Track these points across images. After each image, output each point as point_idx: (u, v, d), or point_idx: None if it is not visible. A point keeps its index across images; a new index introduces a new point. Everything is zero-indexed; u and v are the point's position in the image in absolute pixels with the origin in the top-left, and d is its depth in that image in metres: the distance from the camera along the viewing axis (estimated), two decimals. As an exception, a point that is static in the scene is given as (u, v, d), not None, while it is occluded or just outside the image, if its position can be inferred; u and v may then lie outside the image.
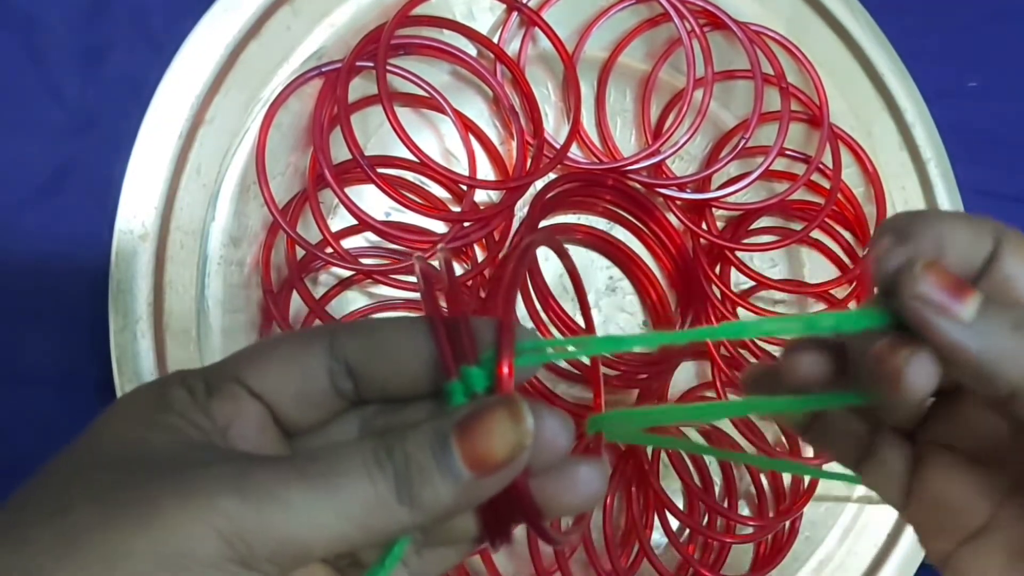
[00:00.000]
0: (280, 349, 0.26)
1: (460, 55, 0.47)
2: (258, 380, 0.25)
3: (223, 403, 0.25)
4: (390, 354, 0.26)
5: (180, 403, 0.24)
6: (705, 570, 0.48)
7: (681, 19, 0.50)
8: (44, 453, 0.40)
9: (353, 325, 0.27)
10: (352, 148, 0.42)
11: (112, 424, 0.25)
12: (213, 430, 0.24)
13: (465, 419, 0.24)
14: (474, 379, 0.25)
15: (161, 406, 0.24)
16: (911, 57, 0.55)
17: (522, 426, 0.24)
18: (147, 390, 0.25)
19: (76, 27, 0.46)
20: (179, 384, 0.25)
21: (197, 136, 0.44)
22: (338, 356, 0.26)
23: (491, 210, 0.47)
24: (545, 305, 0.44)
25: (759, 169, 0.50)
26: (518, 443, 0.24)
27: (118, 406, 0.25)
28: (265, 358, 0.26)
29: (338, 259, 0.44)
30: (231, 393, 0.25)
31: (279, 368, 0.25)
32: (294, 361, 0.26)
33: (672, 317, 0.51)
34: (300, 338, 0.26)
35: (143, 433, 0.24)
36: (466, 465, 0.23)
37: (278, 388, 0.25)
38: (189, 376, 0.25)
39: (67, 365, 0.44)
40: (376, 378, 0.26)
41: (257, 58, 0.45)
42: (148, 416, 0.24)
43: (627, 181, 0.50)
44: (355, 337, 0.26)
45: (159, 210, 0.43)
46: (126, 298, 0.42)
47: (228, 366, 0.26)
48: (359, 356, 0.26)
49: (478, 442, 0.23)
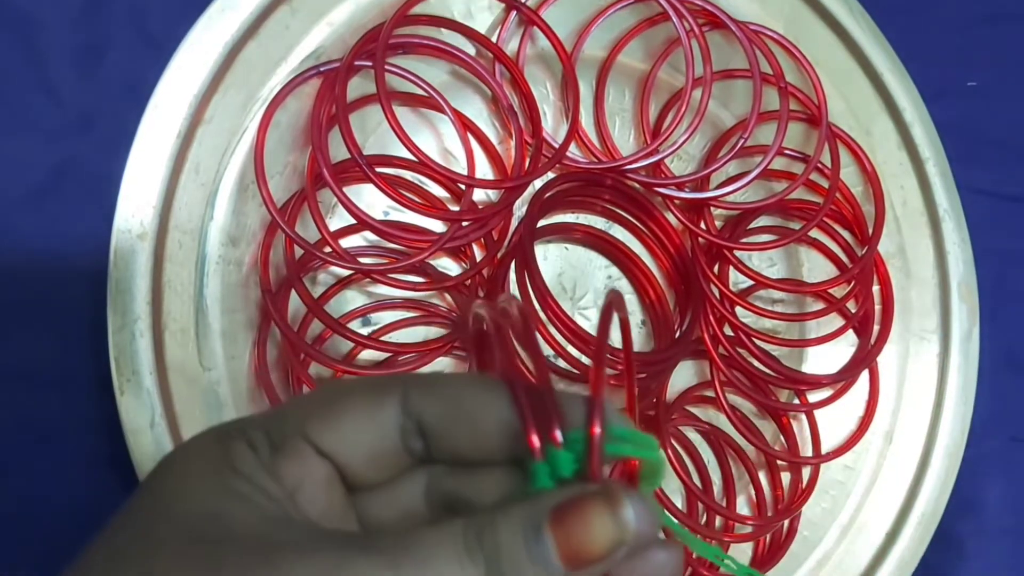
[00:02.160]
0: (351, 404, 0.25)
1: (459, 54, 0.47)
2: (328, 439, 0.24)
3: (289, 463, 0.24)
4: (469, 418, 0.25)
5: (246, 464, 0.23)
6: (704, 569, 0.48)
7: (680, 19, 0.50)
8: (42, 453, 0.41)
9: (427, 380, 0.25)
10: (350, 147, 0.42)
11: (179, 487, 0.23)
12: (282, 497, 0.23)
13: (560, 508, 0.22)
14: (562, 463, 0.23)
15: (227, 468, 0.23)
16: (910, 57, 0.55)
17: (622, 520, 0.22)
18: (208, 445, 0.24)
19: (73, 26, 0.46)
20: (241, 439, 0.24)
21: (196, 135, 0.44)
22: (411, 414, 0.25)
23: (490, 209, 0.47)
24: (544, 304, 0.44)
25: (758, 168, 0.50)
26: (618, 539, 0.22)
27: (178, 463, 0.24)
28: (335, 414, 0.24)
29: (337, 258, 0.44)
30: (297, 451, 0.24)
31: (351, 426, 0.24)
32: (367, 418, 0.24)
33: (671, 316, 0.51)
34: (372, 391, 0.25)
35: (217, 504, 0.22)
36: (561, 559, 0.22)
37: (349, 448, 0.24)
38: (249, 428, 0.24)
39: (65, 364, 0.44)
40: (450, 440, 0.25)
41: (255, 57, 0.45)
42: (216, 481, 0.23)
43: (626, 180, 0.50)
44: (431, 396, 0.25)
45: (157, 209, 0.43)
46: (124, 297, 0.42)
47: (292, 419, 0.24)
48: (435, 417, 0.25)
49: (574, 535, 0.22)
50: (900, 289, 0.54)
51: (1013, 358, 0.57)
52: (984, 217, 0.56)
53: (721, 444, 0.51)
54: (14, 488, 0.43)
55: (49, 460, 0.44)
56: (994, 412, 0.55)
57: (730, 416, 0.50)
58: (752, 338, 0.50)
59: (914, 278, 0.55)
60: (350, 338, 0.44)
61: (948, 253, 0.55)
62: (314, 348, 0.44)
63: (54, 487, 0.44)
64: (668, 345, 0.49)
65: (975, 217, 0.55)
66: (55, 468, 0.44)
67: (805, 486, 0.51)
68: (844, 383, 0.52)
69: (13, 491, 0.43)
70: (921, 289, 0.55)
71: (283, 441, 0.24)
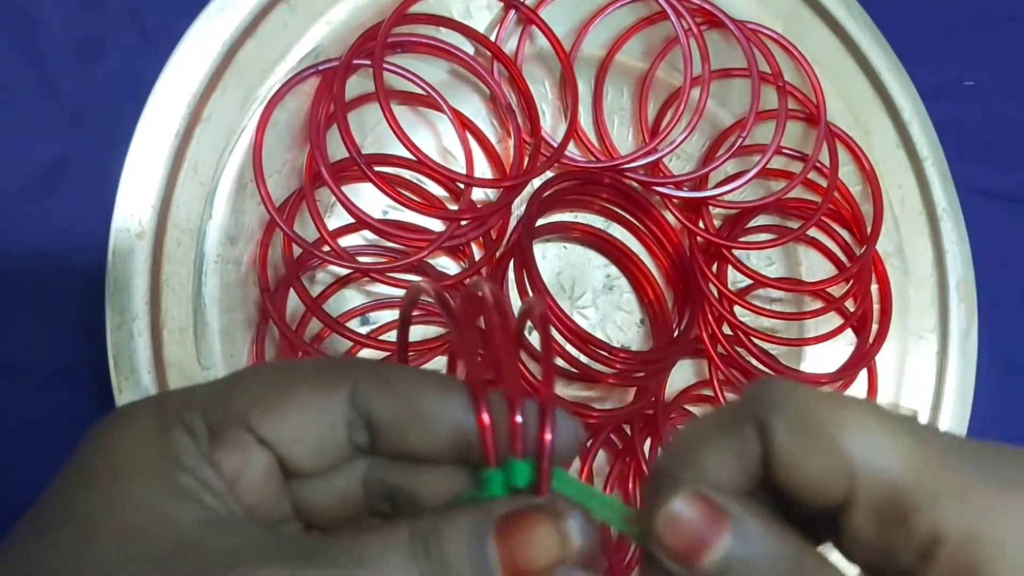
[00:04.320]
0: (298, 397, 0.24)
1: (457, 53, 0.47)
2: (271, 430, 0.24)
3: (230, 453, 0.23)
4: (421, 418, 0.24)
5: (189, 456, 0.23)
6: None
7: (678, 17, 0.50)
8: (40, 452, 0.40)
9: (381, 374, 0.25)
10: (349, 146, 0.42)
11: (123, 482, 0.23)
12: (223, 489, 0.23)
13: (506, 519, 0.22)
14: (518, 473, 0.23)
15: (170, 462, 0.23)
16: (908, 55, 0.55)
17: (566, 537, 0.23)
18: (148, 432, 0.23)
19: (71, 22, 0.46)
20: (180, 426, 0.23)
21: (194, 134, 0.44)
22: (360, 408, 0.24)
23: (488, 208, 0.47)
24: (542, 303, 0.44)
25: (756, 167, 0.50)
26: (559, 556, 0.22)
27: (117, 450, 0.23)
28: (280, 406, 0.24)
29: (335, 257, 0.44)
30: (238, 442, 0.23)
31: (296, 418, 0.24)
32: (314, 411, 0.24)
33: (669, 315, 0.51)
34: (319, 383, 0.24)
35: (164, 505, 0.22)
36: (503, 571, 0.22)
37: (292, 439, 0.24)
38: (188, 410, 0.24)
39: (64, 363, 0.44)
40: (399, 438, 0.24)
41: (254, 56, 0.45)
42: (161, 479, 0.22)
43: (624, 179, 0.50)
44: (384, 392, 0.24)
45: (156, 208, 0.43)
46: (123, 296, 0.42)
47: (235, 405, 0.24)
48: (386, 414, 0.24)
49: (518, 548, 0.22)
50: (898, 288, 0.54)
51: (1011, 357, 0.57)
52: (982, 216, 0.56)
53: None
54: (12, 487, 0.43)
55: (47, 459, 0.43)
56: (992, 411, 0.55)
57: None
58: (751, 337, 0.50)
59: (912, 277, 0.55)
60: (349, 337, 0.44)
61: (946, 252, 0.55)
62: (313, 347, 0.44)
63: (52, 486, 0.44)
64: (666, 344, 0.49)
65: (973, 216, 0.55)
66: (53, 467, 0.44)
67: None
68: (842, 382, 0.52)
69: (11, 490, 0.43)
70: (919, 288, 0.55)
71: (224, 429, 0.23)
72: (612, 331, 0.51)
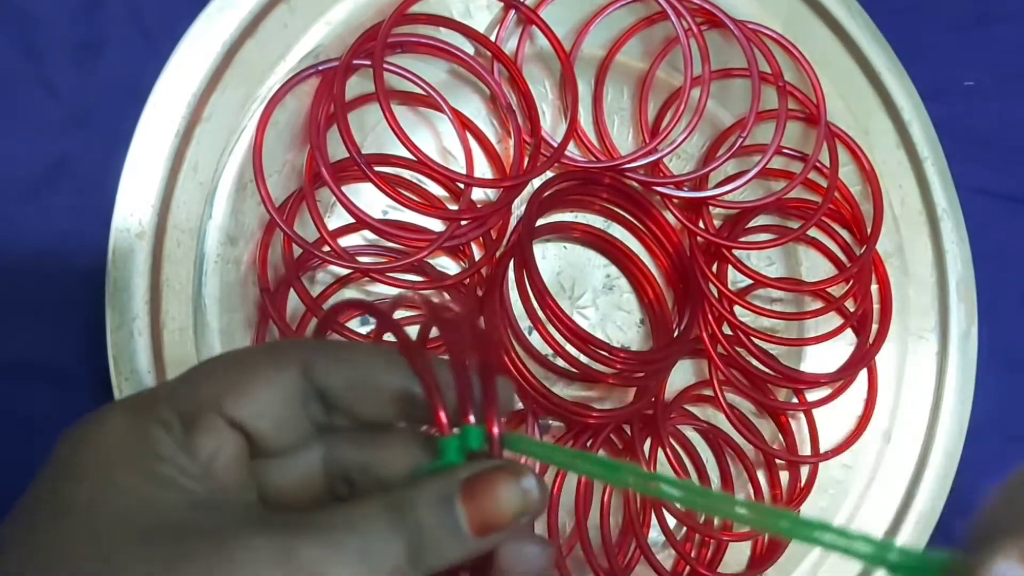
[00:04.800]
0: (257, 374, 0.26)
1: (457, 53, 0.47)
2: (239, 410, 0.25)
3: (204, 438, 0.25)
4: (370, 388, 0.26)
5: (165, 447, 0.24)
6: (702, 568, 0.48)
7: (678, 17, 0.50)
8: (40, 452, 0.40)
9: (330, 348, 0.27)
10: (349, 146, 0.42)
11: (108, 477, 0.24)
12: (201, 474, 0.24)
13: (470, 481, 0.24)
14: (472, 437, 0.25)
15: (149, 454, 0.24)
16: (908, 56, 0.55)
17: (526, 491, 0.25)
18: (124, 430, 0.25)
19: (71, 22, 0.46)
20: (154, 421, 0.24)
21: (194, 134, 0.44)
22: (313, 380, 0.26)
23: (488, 208, 0.47)
24: (542, 303, 0.44)
25: (756, 167, 0.50)
26: (523, 507, 0.25)
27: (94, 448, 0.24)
28: (243, 385, 0.25)
29: (335, 257, 0.44)
30: (210, 426, 0.25)
31: (259, 396, 0.25)
32: (273, 387, 0.25)
33: (669, 315, 0.51)
34: (276, 359, 0.26)
35: (151, 494, 0.23)
36: (472, 530, 0.24)
37: (257, 417, 0.25)
38: (159, 406, 0.25)
39: (64, 363, 0.44)
40: (349, 405, 0.26)
41: (254, 56, 0.45)
42: (142, 470, 0.24)
43: (624, 179, 0.50)
44: (332, 364, 0.26)
45: (156, 208, 0.43)
46: (123, 296, 0.42)
47: (201, 393, 0.25)
48: (335, 383, 0.26)
49: (485, 505, 0.24)
50: (898, 288, 0.54)
51: (1011, 357, 0.57)
52: (982, 216, 0.56)
53: (720, 443, 0.51)
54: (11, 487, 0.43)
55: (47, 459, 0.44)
56: (992, 411, 0.55)
57: (728, 415, 0.50)
58: (751, 337, 0.50)
59: (912, 277, 0.55)
60: (349, 337, 0.44)
61: (946, 252, 0.55)
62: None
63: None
64: (666, 344, 0.49)
65: (973, 216, 0.55)
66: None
67: (803, 485, 0.51)
68: (842, 382, 0.52)
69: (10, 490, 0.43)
70: (919, 288, 0.55)
71: (196, 416, 0.25)
72: (612, 331, 0.51)
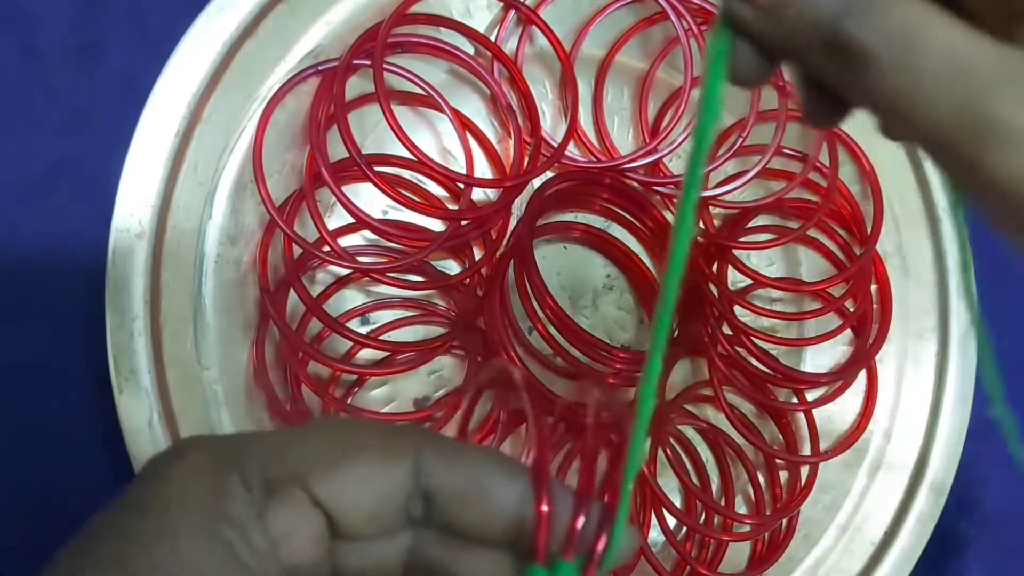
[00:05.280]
0: (359, 461, 0.23)
1: (457, 53, 0.47)
2: (328, 493, 0.23)
3: (283, 512, 0.23)
4: (482, 498, 0.24)
5: (239, 509, 0.23)
6: (702, 568, 0.48)
7: (678, 17, 0.50)
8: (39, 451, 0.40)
9: (446, 448, 0.24)
10: (349, 146, 0.42)
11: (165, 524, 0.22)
12: (266, 550, 0.23)
13: None
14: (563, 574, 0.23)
15: (219, 513, 0.22)
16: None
17: None
18: (205, 472, 0.23)
19: (71, 24, 0.46)
20: (236, 472, 0.23)
21: (194, 134, 0.44)
22: (421, 480, 0.24)
23: (488, 208, 0.47)
24: (542, 303, 0.44)
25: (756, 167, 0.50)
26: None
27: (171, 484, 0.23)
28: (341, 469, 0.23)
29: (335, 257, 0.44)
30: (292, 500, 0.23)
31: (356, 485, 0.23)
32: (374, 479, 0.23)
33: (669, 315, 0.50)
34: (385, 450, 0.24)
35: (198, 553, 0.22)
36: None
37: (348, 505, 0.23)
38: (247, 458, 0.23)
39: (63, 363, 0.44)
40: (455, 515, 0.24)
41: (254, 56, 0.45)
42: (206, 528, 0.22)
43: (624, 179, 0.50)
44: (448, 467, 0.24)
45: (156, 208, 0.43)
46: (123, 296, 0.42)
47: (294, 464, 0.23)
48: (447, 489, 0.24)
49: None
50: (898, 288, 0.54)
51: (1012, 357, 0.57)
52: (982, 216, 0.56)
53: (719, 443, 0.51)
54: (10, 487, 0.43)
55: (46, 459, 0.44)
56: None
57: (728, 415, 0.50)
58: (750, 337, 0.50)
59: (912, 277, 0.55)
60: (349, 337, 0.44)
61: (946, 252, 0.55)
62: (312, 347, 0.44)
63: (51, 486, 0.44)
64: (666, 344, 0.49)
65: (973, 216, 0.55)
66: (52, 467, 0.44)
67: (803, 485, 0.51)
68: (842, 382, 0.52)
69: (9, 490, 0.43)
70: (919, 288, 0.55)
71: (279, 485, 0.23)
72: (612, 331, 0.51)
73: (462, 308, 0.47)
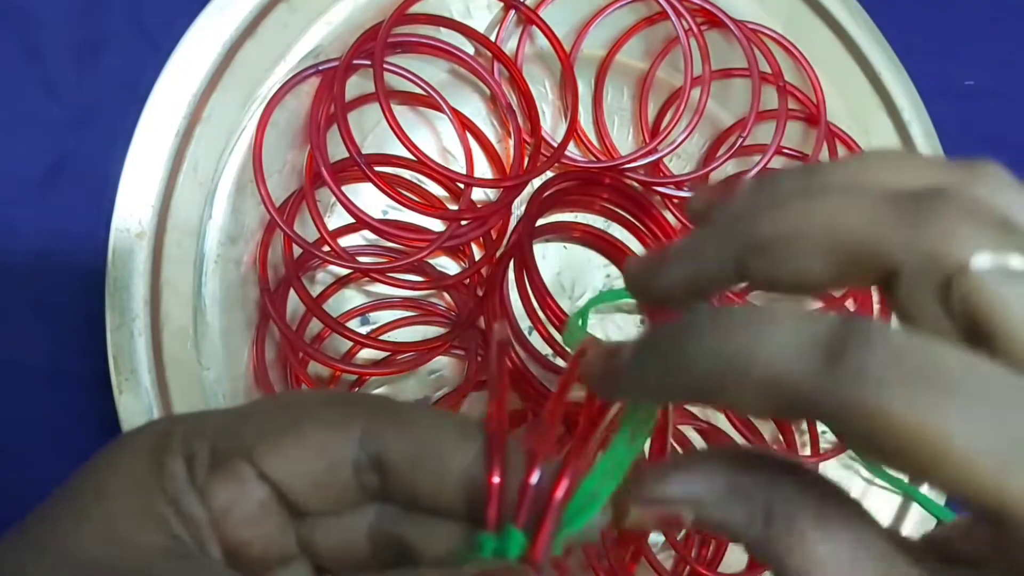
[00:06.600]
0: (305, 432, 0.23)
1: (457, 53, 0.47)
2: (273, 464, 0.23)
3: (225, 484, 0.23)
4: (431, 464, 0.23)
5: (172, 483, 0.23)
6: (702, 568, 0.48)
7: (679, 17, 0.50)
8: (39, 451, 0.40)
9: (395, 413, 0.23)
10: (349, 146, 0.42)
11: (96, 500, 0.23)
12: (204, 523, 0.22)
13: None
14: (512, 543, 0.22)
15: (151, 486, 0.22)
16: (908, 56, 0.55)
17: None
18: (140, 455, 0.23)
19: (71, 22, 0.46)
20: (179, 453, 0.23)
21: (194, 134, 0.44)
22: (370, 448, 0.23)
23: (488, 208, 0.47)
24: (542, 303, 0.44)
25: (756, 167, 0.50)
26: None
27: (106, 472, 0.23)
28: (287, 442, 0.23)
29: (335, 257, 0.44)
30: (237, 473, 0.23)
31: (300, 455, 0.23)
32: (320, 448, 0.23)
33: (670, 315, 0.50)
34: (328, 419, 0.23)
35: (129, 527, 0.22)
36: None
37: (295, 476, 0.23)
38: (197, 438, 0.23)
39: (63, 363, 0.44)
40: (408, 483, 0.23)
41: (254, 56, 0.45)
42: (135, 500, 0.22)
43: (624, 179, 0.50)
44: (395, 433, 0.23)
45: (156, 208, 0.43)
46: (123, 296, 0.42)
47: (242, 438, 0.23)
48: (397, 456, 0.23)
49: None
50: (898, 288, 0.54)
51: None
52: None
53: (720, 443, 0.51)
54: (10, 487, 0.43)
55: (46, 459, 0.44)
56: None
57: (728, 415, 0.50)
58: (751, 337, 0.50)
59: (912, 277, 0.55)
60: (349, 337, 0.44)
61: (946, 252, 0.55)
62: (313, 347, 0.44)
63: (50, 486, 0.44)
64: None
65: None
66: (52, 467, 0.44)
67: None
68: (842, 382, 0.52)
69: (9, 490, 0.43)
70: (919, 288, 0.55)
71: (226, 459, 0.23)
72: (612, 331, 0.51)
73: (462, 308, 0.47)
